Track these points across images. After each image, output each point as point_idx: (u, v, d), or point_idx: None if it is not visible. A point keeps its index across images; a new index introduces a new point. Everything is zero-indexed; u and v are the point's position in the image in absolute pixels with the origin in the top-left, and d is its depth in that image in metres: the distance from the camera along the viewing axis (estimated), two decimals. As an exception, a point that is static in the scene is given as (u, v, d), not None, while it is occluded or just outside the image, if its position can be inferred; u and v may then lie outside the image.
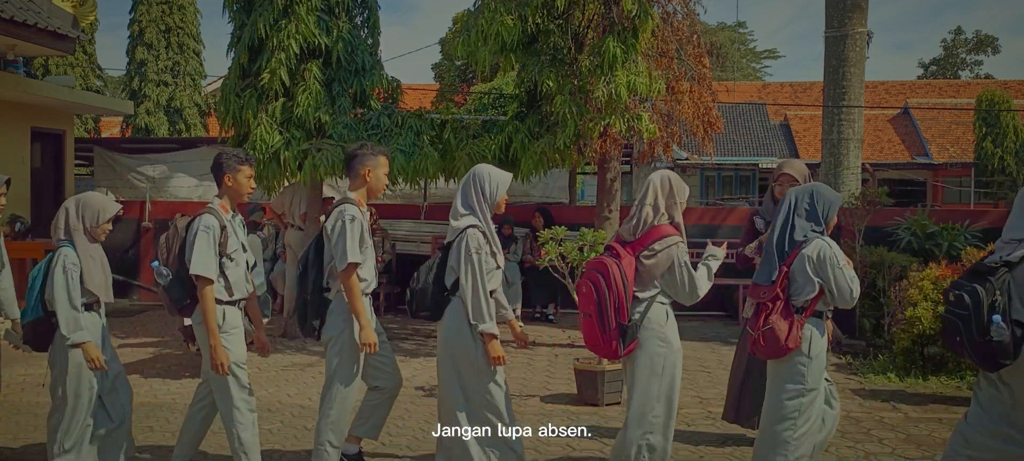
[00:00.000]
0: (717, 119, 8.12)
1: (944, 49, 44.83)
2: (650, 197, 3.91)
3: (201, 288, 3.97)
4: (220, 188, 4.19)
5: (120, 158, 12.72)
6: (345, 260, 4.01)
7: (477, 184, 4.04)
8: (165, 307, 4.29)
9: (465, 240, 3.90)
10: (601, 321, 3.81)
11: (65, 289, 3.91)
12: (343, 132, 7.92)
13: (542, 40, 7.80)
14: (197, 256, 3.95)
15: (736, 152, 24.39)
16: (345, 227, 4.03)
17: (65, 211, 4.09)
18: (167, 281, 4.16)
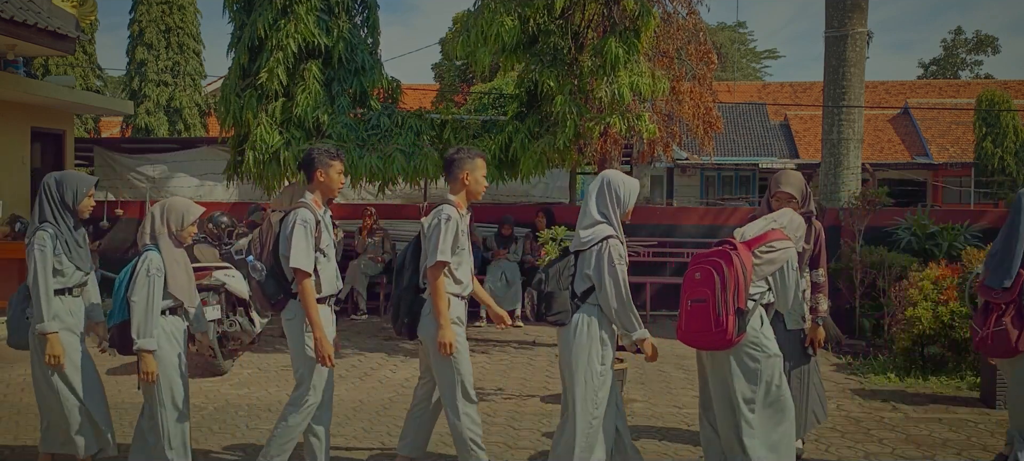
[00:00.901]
0: (717, 119, 8.13)
1: (944, 49, 44.84)
2: None
3: (300, 282, 3.95)
4: (311, 183, 4.17)
5: (120, 158, 12.72)
6: (435, 257, 4.02)
7: (611, 192, 3.94)
8: (256, 302, 4.27)
9: (607, 250, 3.85)
10: (718, 306, 3.76)
11: (146, 294, 3.91)
12: (343, 132, 7.92)
13: (542, 40, 7.80)
14: (296, 250, 3.95)
15: (736, 152, 24.39)
16: (440, 226, 4.04)
17: (151, 216, 4.12)
18: (262, 276, 4.10)
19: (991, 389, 5.99)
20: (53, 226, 4.09)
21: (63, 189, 4.15)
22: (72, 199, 4.16)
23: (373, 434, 5.36)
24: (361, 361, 7.56)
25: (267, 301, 4.14)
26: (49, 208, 4.12)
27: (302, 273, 3.93)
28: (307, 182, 4.21)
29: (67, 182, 4.18)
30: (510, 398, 6.27)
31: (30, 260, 4.02)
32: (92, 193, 4.26)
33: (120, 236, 11.56)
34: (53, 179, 4.18)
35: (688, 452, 5.05)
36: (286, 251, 4.01)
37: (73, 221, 4.19)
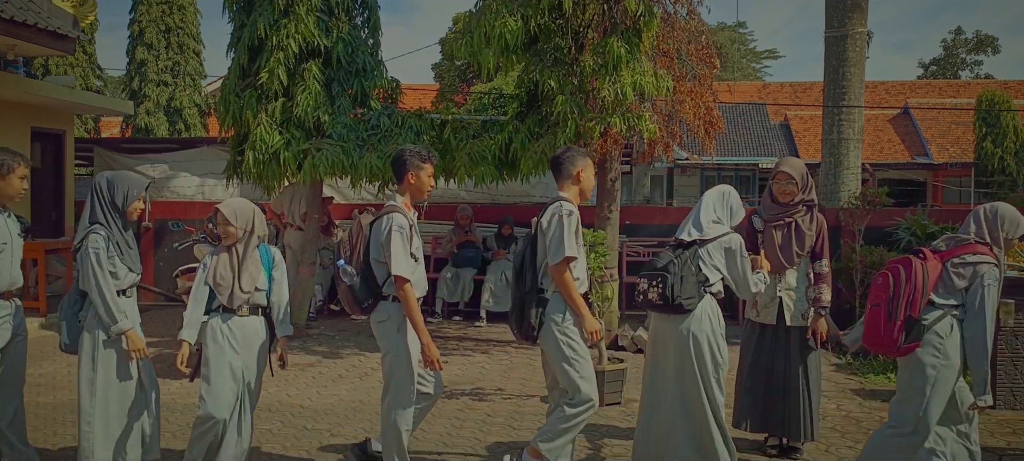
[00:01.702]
0: (718, 119, 8.12)
1: (944, 49, 44.85)
2: None
3: (400, 287, 3.97)
4: (401, 184, 4.16)
5: (120, 158, 12.70)
6: (561, 253, 3.98)
7: (730, 201, 4.38)
8: (346, 306, 4.21)
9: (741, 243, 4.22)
10: (889, 311, 3.87)
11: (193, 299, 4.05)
12: (343, 132, 7.92)
13: (543, 40, 7.80)
14: (396, 257, 3.95)
15: (736, 152, 24.40)
16: (562, 221, 4.01)
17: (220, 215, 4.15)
18: (354, 281, 4.09)
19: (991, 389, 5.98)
20: (104, 228, 4.05)
21: (114, 190, 4.11)
22: (122, 200, 4.12)
23: (373, 434, 5.35)
24: (361, 361, 7.56)
25: (357, 305, 4.12)
26: (99, 209, 4.08)
27: (402, 279, 3.93)
28: (396, 183, 4.19)
29: (118, 183, 4.13)
30: (510, 398, 6.28)
31: (85, 264, 3.96)
32: (142, 195, 4.23)
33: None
34: (104, 180, 4.14)
35: (688, 452, 5.04)
36: (378, 255, 4.01)
37: (123, 222, 4.15)
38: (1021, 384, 5.92)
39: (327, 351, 7.92)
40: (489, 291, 9.54)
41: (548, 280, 4.10)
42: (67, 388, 6.48)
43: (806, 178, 4.84)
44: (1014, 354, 5.91)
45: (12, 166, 4.10)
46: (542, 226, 4.10)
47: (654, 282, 4.10)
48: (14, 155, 4.14)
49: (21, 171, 4.14)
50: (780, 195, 4.80)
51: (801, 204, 4.79)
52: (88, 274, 3.96)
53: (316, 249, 9.13)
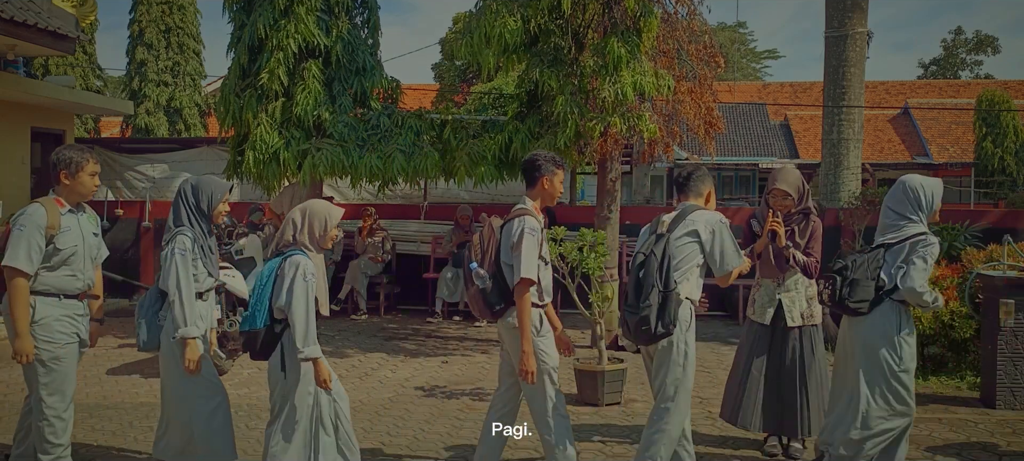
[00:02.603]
0: (718, 119, 8.12)
1: (944, 49, 44.85)
2: None
3: (523, 292, 3.89)
4: (534, 188, 4.11)
5: (120, 158, 12.72)
6: (738, 260, 4.03)
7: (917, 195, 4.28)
8: (474, 310, 4.15)
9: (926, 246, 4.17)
10: None
11: (305, 300, 3.80)
12: (343, 132, 7.92)
13: (543, 40, 7.80)
14: (527, 260, 3.89)
15: (736, 152, 24.40)
16: (724, 227, 4.06)
17: (292, 225, 4.03)
18: (486, 284, 4.01)
19: (991, 389, 5.99)
20: (190, 230, 4.04)
21: (199, 194, 4.09)
22: (207, 204, 4.10)
23: (373, 434, 5.36)
24: (361, 361, 7.56)
25: (487, 309, 4.04)
26: (185, 212, 4.07)
27: (528, 282, 3.89)
28: (529, 187, 4.14)
29: (203, 187, 4.12)
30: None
31: (170, 264, 3.94)
32: (226, 198, 4.21)
33: (120, 236, 11.57)
34: (189, 185, 4.12)
35: (688, 452, 5.04)
36: (508, 258, 3.97)
37: (206, 226, 4.14)
38: (1021, 384, 5.92)
39: (327, 351, 7.87)
40: (489, 291, 9.53)
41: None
42: (67, 388, 6.48)
43: (802, 189, 4.86)
44: (1014, 354, 5.90)
45: (81, 163, 4.04)
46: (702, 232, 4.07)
47: (826, 283, 4.24)
48: (82, 152, 4.08)
49: (91, 168, 4.08)
50: (777, 207, 4.81)
51: (798, 213, 4.81)
52: (170, 274, 3.94)
53: (316, 249, 9.13)
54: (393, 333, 8.93)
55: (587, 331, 8.61)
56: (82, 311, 4.11)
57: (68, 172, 4.02)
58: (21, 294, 3.83)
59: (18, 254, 3.82)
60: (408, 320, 9.77)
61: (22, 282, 3.83)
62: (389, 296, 10.38)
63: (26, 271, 3.83)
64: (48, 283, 3.93)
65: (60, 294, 3.98)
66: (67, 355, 3.99)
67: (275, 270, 3.89)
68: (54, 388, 3.97)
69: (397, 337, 8.67)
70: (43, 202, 4.00)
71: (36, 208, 3.96)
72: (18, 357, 3.84)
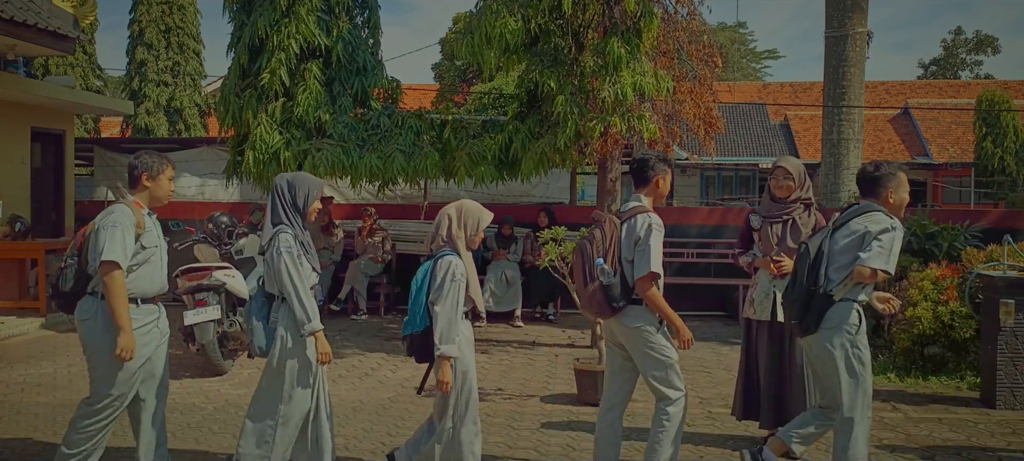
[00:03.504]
0: (718, 119, 8.12)
1: (944, 49, 44.86)
2: None
3: (651, 283, 3.90)
4: (646, 187, 4.13)
5: (120, 158, 12.72)
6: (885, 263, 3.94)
7: None
8: (592, 307, 4.07)
9: None
10: None
11: (454, 300, 3.89)
12: (343, 132, 7.93)
13: (543, 40, 7.80)
14: (655, 253, 3.90)
15: (736, 152, 24.39)
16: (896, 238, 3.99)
17: (447, 218, 4.08)
18: (611, 280, 3.98)
19: (991, 389, 5.99)
20: (290, 228, 4.04)
21: (295, 191, 4.10)
22: (303, 201, 4.12)
23: (373, 434, 5.36)
24: (361, 361, 7.56)
25: (608, 305, 3.99)
26: (281, 210, 4.07)
27: (655, 275, 3.90)
28: (639, 185, 4.15)
29: (299, 185, 4.12)
30: (510, 398, 6.27)
31: (280, 264, 3.93)
32: (320, 195, 4.22)
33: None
34: (285, 181, 4.13)
35: (688, 452, 5.05)
36: (629, 254, 3.97)
37: (303, 223, 4.14)
38: (1021, 384, 5.92)
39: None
40: (489, 291, 9.53)
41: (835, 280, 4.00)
42: (67, 388, 6.48)
43: (804, 176, 4.87)
44: (1014, 354, 5.90)
45: (160, 168, 4.06)
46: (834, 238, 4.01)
47: None
48: (161, 157, 4.11)
49: (169, 173, 4.10)
50: (777, 190, 4.82)
51: (798, 201, 4.82)
52: (281, 273, 3.94)
53: (316, 249, 9.13)
54: (393, 333, 8.93)
55: (587, 331, 8.61)
56: (157, 314, 4.09)
57: (149, 176, 4.04)
58: (120, 288, 3.79)
59: (115, 248, 3.78)
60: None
61: (119, 276, 3.79)
62: (389, 296, 10.38)
63: (123, 265, 3.81)
64: (128, 287, 3.89)
65: (138, 299, 3.95)
66: (142, 359, 3.96)
67: (429, 271, 3.99)
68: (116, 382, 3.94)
69: (397, 337, 8.67)
70: (125, 203, 3.99)
71: (123, 208, 3.94)
72: (122, 353, 3.79)
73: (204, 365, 6.98)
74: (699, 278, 10.16)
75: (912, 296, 6.84)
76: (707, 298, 10.07)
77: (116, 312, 3.79)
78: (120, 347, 3.79)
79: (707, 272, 10.43)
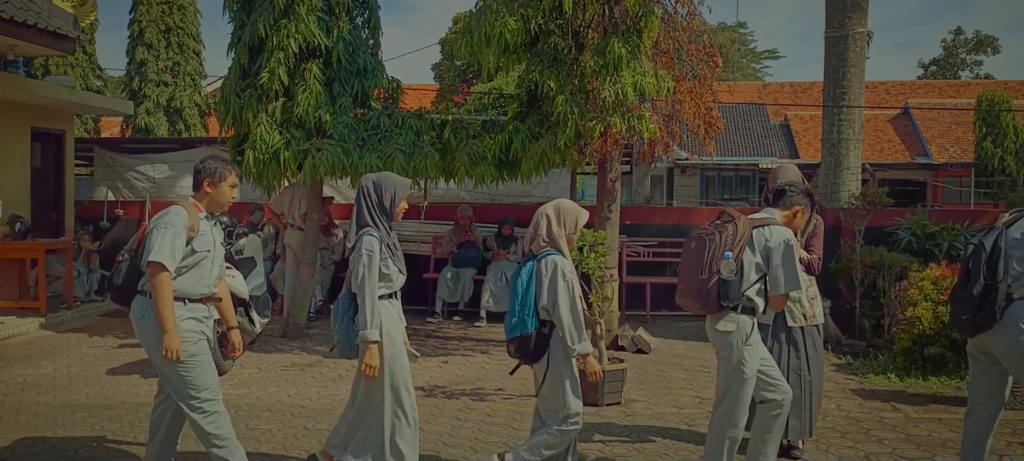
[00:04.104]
0: (718, 119, 8.11)
1: (944, 49, 44.85)
2: None
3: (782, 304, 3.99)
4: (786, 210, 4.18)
5: (120, 158, 12.72)
6: None
7: None
8: (700, 298, 4.03)
9: None
10: None
11: (569, 298, 3.94)
12: (343, 132, 7.93)
13: (543, 40, 7.80)
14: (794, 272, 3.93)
15: (736, 152, 24.38)
16: None
17: (546, 218, 4.08)
18: (732, 276, 3.98)
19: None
20: (376, 231, 4.05)
21: (381, 192, 4.11)
22: (390, 202, 4.12)
23: (373, 434, 5.35)
24: (361, 361, 7.55)
25: (716, 301, 3.98)
26: (367, 212, 4.08)
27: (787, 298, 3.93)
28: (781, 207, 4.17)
29: (385, 185, 4.13)
30: (510, 398, 6.28)
31: (358, 266, 3.95)
32: (407, 195, 4.24)
33: (120, 236, 11.56)
34: (371, 182, 4.12)
35: (688, 452, 5.05)
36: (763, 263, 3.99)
37: (389, 224, 4.15)
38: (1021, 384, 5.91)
39: (327, 351, 7.91)
40: (489, 291, 9.54)
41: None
42: (67, 388, 6.48)
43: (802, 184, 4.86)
44: (1014, 354, 5.89)
45: (224, 174, 4.06)
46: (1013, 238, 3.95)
47: None
48: (225, 163, 4.10)
49: (232, 179, 4.10)
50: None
51: None
52: (358, 275, 3.96)
53: (316, 249, 9.13)
54: (393, 333, 8.92)
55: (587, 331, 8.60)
56: (206, 314, 4.09)
57: (212, 181, 4.04)
58: (167, 289, 3.81)
59: (164, 250, 3.80)
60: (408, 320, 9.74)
61: (166, 278, 3.81)
62: (389, 296, 10.37)
63: (170, 267, 3.82)
64: (176, 287, 3.90)
65: (185, 298, 3.96)
66: (201, 351, 3.98)
67: (532, 271, 4.00)
68: (200, 382, 3.96)
69: (397, 337, 8.65)
70: (183, 204, 3.99)
71: (179, 209, 3.94)
72: (167, 353, 3.81)
73: (204, 365, 6.98)
74: (699, 278, 10.12)
75: (912, 296, 6.84)
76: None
77: (161, 312, 3.81)
78: (164, 347, 3.81)
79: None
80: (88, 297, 10.63)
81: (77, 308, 10.07)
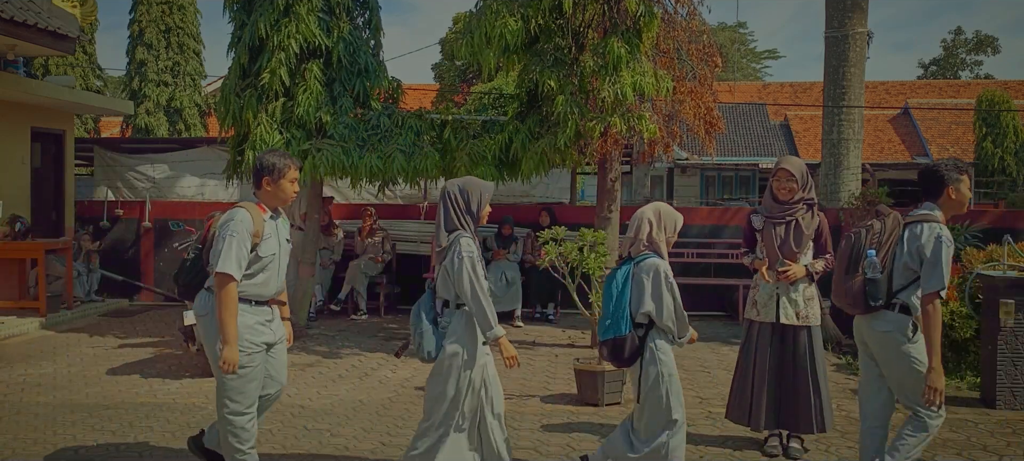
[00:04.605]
0: (718, 119, 8.12)
1: (944, 49, 44.84)
2: None
3: (934, 300, 3.74)
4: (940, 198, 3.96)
5: (120, 158, 12.72)
6: None
7: None
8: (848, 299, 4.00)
9: None
10: None
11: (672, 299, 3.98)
12: (344, 132, 7.93)
13: (543, 40, 7.80)
14: (946, 270, 3.75)
15: (736, 152, 24.39)
16: None
17: (647, 221, 4.08)
18: (878, 274, 3.92)
19: (991, 389, 5.99)
20: (467, 232, 4.05)
21: (468, 197, 4.10)
22: (476, 206, 4.12)
23: (373, 434, 5.36)
24: (361, 361, 7.56)
25: (863, 302, 3.94)
26: (455, 216, 4.07)
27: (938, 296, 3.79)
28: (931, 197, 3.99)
29: (471, 189, 4.12)
30: (510, 398, 6.27)
31: (462, 270, 3.92)
32: (490, 197, 4.23)
33: (120, 236, 11.57)
34: (456, 187, 4.11)
35: (688, 452, 5.05)
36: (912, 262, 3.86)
37: (475, 227, 4.15)
38: (1021, 384, 5.92)
39: (327, 351, 7.91)
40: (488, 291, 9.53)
41: None
42: (67, 388, 6.48)
43: (806, 177, 4.87)
44: (1014, 354, 5.90)
45: (283, 170, 3.97)
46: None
47: None
48: (285, 158, 4.01)
49: (292, 173, 4.01)
50: (780, 192, 4.81)
51: (801, 202, 4.81)
52: (463, 279, 3.93)
53: (316, 249, 9.13)
54: (393, 333, 8.93)
55: (587, 331, 8.61)
56: (271, 316, 4.05)
57: (271, 178, 3.96)
58: (232, 300, 3.76)
59: (230, 260, 3.74)
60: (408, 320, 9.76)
61: (233, 289, 3.76)
62: (389, 296, 10.38)
63: (237, 278, 3.77)
64: (242, 290, 3.86)
65: (252, 301, 3.92)
66: (253, 363, 3.94)
67: (628, 275, 4.01)
68: (238, 393, 3.93)
69: (397, 337, 8.66)
70: (247, 208, 3.91)
71: (243, 214, 3.86)
72: (224, 365, 3.76)
73: (204, 365, 6.97)
74: (699, 278, 10.15)
75: (912, 296, 6.83)
76: (707, 298, 10.07)
77: (223, 324, 3.76)
78: (222, 359, 3.77)
79: (707, 272, 10.43)
80: (88, 297, 10.63)
81: (77, 308, 10.07)
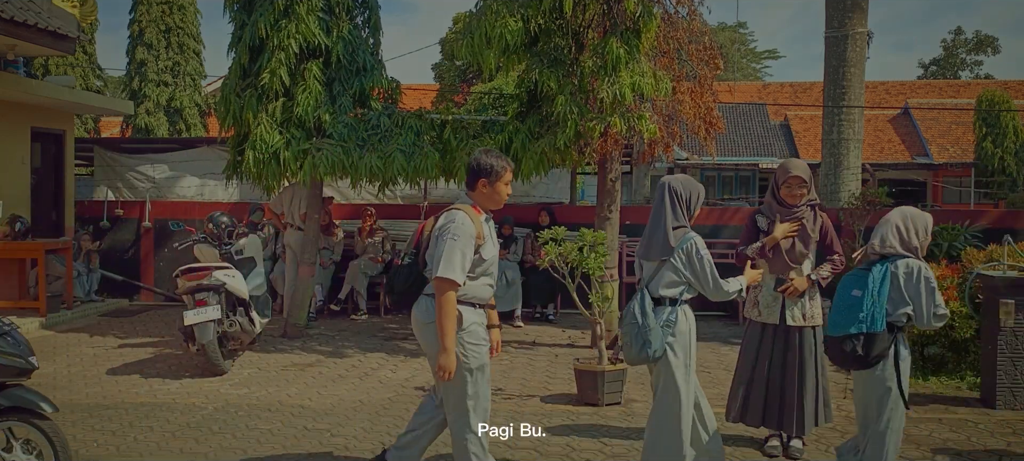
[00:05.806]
0: (718, 119, 8.12)
1: (944, 49, 44.82)
2: None
3: None
4: None
5: (120, 158, 12.71)
6: None
7: None
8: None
9: None
10: None
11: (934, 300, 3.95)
12: (343, 132, 7.93)
13: (543, 41, 7.80)
14: None
15: (736, 152, 24.38)
16: None
17: (896, 228, 4.10)
18: None
19: (991, 389, 5.99)
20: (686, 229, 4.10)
21: (689, 194, 4.14)
22: (696, 204, 4.17)
23: (373, 434, 5.36)
24: (361, 361, 7.56)
25: None
26: (682, 212, 4.09)
27: None
28: None
29: (691, 188, 4.16)
30: (510, 398, 6.28)
31: (703, 266, 4.01)
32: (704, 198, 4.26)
33: (120, 237, 11.57)
34: (678, 183, 4.13)
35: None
36: None
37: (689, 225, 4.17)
38: (1021, 384, 5.92)
39: (327, 351, 7.92)
40: (489, 291, 9.53)
41: None
42: (67, 388, 6.48)
43: (812, 179, 4.87)
44: (1014, 354, 5.90)
45: (500, 172, 3.92)
46: None
47: None
48: (501, 159, 3.96)
49: (507, 176, 3.97)
50: (790, 198, 4.80)
51: (806, 205, 4.81)
52: (706, 274, 4.02)
53: (316, 249, 9.13)
54: (393, 333, 8.93)
55: (587, 331, 8.61)
56: (484, 320, 4.02)
57: (488, 180, 3.89)
58: (452, 307, 3.71)
59: (453, 266, 3.67)
60: (408, 320, 9.75)
61: (454, 295, 3.70)
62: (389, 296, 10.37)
63: (461, 283, 3.71)
64: (470, 293, 3.81)
65: (477, 303, 3.89)
66: (487, 361, 3.93)
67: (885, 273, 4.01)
68: (478, 399, 3.91)
69: (397, 337, 8.67)
70: (466, 211, 3.84)
71: (464, 218, 3.79)
72: (441, 373, 3.73)
73: (204, 365, 6.99)
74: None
75: (912, 296, 6.83)
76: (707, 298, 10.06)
77: (444, 330, 3.70)
78: (440, 366, 3.72)
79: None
80: (88, 297, 10.63)
81: (77, 308, 10.07)
